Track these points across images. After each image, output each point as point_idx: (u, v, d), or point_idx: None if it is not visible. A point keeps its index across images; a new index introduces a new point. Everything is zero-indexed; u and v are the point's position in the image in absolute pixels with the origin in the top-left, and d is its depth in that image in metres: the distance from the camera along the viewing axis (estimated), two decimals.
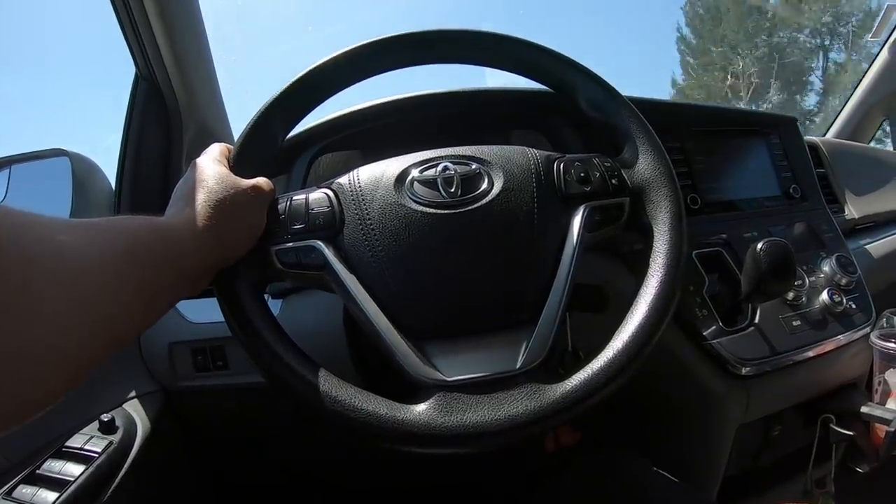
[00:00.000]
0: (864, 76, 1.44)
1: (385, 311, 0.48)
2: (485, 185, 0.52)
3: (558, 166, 0.55)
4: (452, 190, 0.52)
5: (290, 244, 0.50)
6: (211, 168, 0.49)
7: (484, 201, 0.51)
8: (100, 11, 0.87)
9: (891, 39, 1.37)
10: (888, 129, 1.50)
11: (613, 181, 0.55)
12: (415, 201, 0.51)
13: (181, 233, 0.43)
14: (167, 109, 0.93)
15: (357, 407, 0.44)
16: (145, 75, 0.90)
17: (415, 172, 0.53)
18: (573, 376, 0.47)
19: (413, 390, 0.47)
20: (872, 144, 1.49)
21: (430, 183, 0.52)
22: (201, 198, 0.46)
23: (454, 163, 0.53)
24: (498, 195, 0.52)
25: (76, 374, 0.33)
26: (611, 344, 0.48)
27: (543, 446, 1.09)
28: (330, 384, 0.45)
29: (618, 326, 0.50)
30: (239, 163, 0.52)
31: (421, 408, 0.45)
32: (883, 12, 1.41)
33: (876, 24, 1.42)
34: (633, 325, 0.49)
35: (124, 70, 0.92)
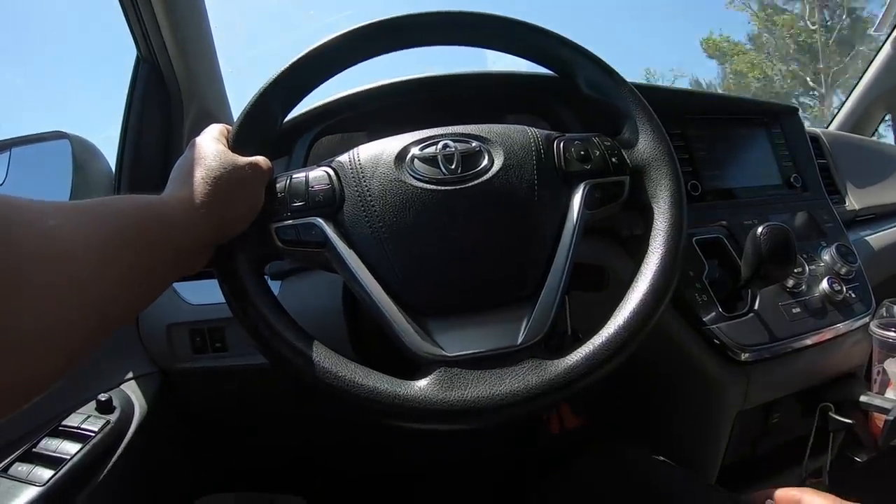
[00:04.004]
0: (866, 70, 1.44)
1: (385, 288, 0.48)
2: (485, 163, 0.52)
3: (558, 145, 0.55)
4: (453, 167, 0.51)
5: (290, 221, 0.50)
6: (210, 146, 0.49)
7: (484, 178, 0.51)
8: None
9: (894, 34, 1.37)
10: (890, 123, 1.50)
11: (613, 160, 0.55)
12: (415, 178, 0.51)
13: (177, 210, 0.43)
14: (168, 92, 0.93)
15: (357, 382, 0.44)
16: (146, 57, 0.90)
17: (415, 150, 0.53)
18: (575, 352, 0.47)
19: (413, 367, 0.47)
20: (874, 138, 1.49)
21: (430, 160, 0.52)
22: (199, 175, 0.46)
23: (455, 140, 0.53)
24: (498, 172, 0.52)
25: (68, 359, 0.33)
26: (612, 321, 0.48)
27: (548, 428, 1.09)
28: (330, 360, 0.45)
29: (616, 309, 0.50)
30: (238, 142, 0.51)
31: (422, 383, 0.45)
32: (886, 6, 1.41)
33: (879, 19, 1.41)
34: (634, 301, 0.49)
35: (126, 52, 0.92)
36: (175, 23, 0.87)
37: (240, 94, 1.06)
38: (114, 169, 0.92)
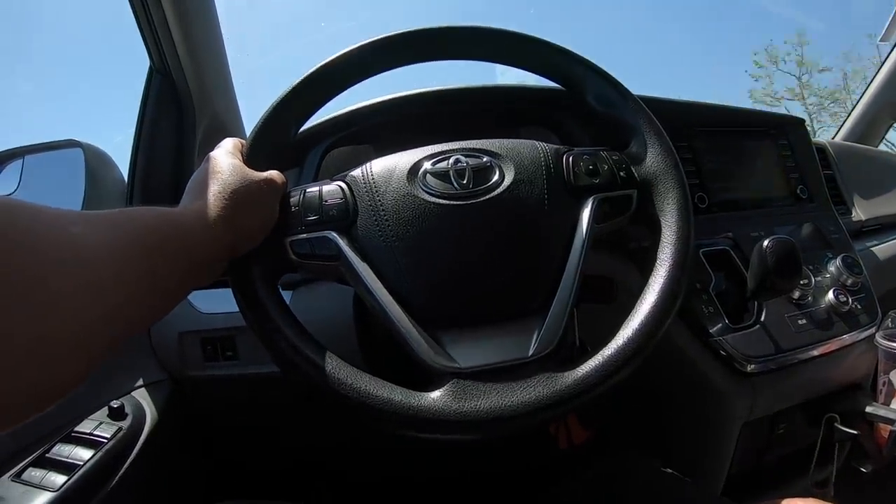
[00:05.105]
0: (873, 80, 1.44)
1: (399, 301, 0.49)
2: (496, 178, 0.53)
3: (567, 159, 0.56)
4: (464, 182, 0.52)
5: (305, 235, 0.51)
6: (225, 160, 0.50)
7: (495, 193, 0.52)
8: (115, 5, 0.89)
9: None
10: None
11: (621, 174, 0.56)
12: (427, 193, 0.52)
13: (193, 223, 0.44)
14: (180, 103, 0.94)
15: (372, 394, 0.45)
16: (159, 68, 0.91)
17: (427, 165, 0.54)
18: (585, 364, 0.47)
19: (425, 378, 0.48)
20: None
21: (442, 175, 0.53)
22: (215, 189, 0.47)
23: (466, 155, 0.54)
24: (509, 187, 0.53)
25: (90, 364, 0.33)
26: (621, 332, 0.49)
27: (556, 443, 1.09)
28: (345, 372, 0.46)
29: (625, 320, 0.50)
30: (252, 156, 0.52)
31: (435, 394, 0.46)
32: (892, 16, 1.41)
33: (885, 28, 1.41)
34: (642, 314, 0.49)
35: (139, 64, 0.94)
36: (188, 34, 0.88)
37: (251, 103, 1.07)
38: (126, 178, 0.93)
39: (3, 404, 0.28)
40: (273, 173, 0.51)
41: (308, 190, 0.53)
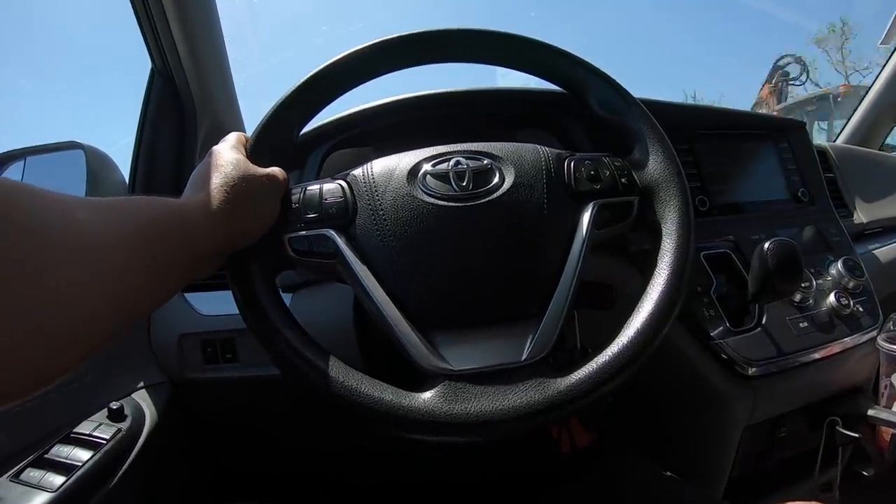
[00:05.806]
0: (874, 83, 1.44)
1: (395, 301, 0.49)
2: (496, 180, 0.53)
3: (569, 164, 0.56)
4: (464, 184, 0.52)
5: (304, 232, 0.51)
6: (228, 154, 0.50)
7: (495, 195, 0.52)
8: (117, 6, 0.89)
9: None
10: None
11: (623, 180, 0.56)
12: (427, 194, 0.52)
13: (195, 214, 0.44)
14: (182, 104, 0.95)
15: (363, 392, 0.45)
16: (161, 70, 0.92)
17: (427, 166, 0.54)
18: (578, 370, 0.47)
19: (420, 380, 0.48)
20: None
21: (442, 176, 0.53)
22: (217, 182, 0.47)
23: (466, 158, 0.54)
24: (508, 190, 0.53)
25: (90, 349, 0.33)
26: (616, 339, 0.48)
27: (559, 447, 1.09)
28: (338, 370, 0.46)
29: (622, 327, 0.50)
30: (255, 152, 0.53)
31: (426, 396, 0.45)
32: (892, 20, 1.41)
33: (885, 32, 1.41)
34: (639, 321, 0.49)
35: (140, 66, 0.94)
36: (189, 36, 0.88)
37: (252, 106, 1.07)
38: (127, 179, 0.93)
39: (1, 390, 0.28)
40: (275, 170, 0.52)
41: (309, 188, 0.53)
